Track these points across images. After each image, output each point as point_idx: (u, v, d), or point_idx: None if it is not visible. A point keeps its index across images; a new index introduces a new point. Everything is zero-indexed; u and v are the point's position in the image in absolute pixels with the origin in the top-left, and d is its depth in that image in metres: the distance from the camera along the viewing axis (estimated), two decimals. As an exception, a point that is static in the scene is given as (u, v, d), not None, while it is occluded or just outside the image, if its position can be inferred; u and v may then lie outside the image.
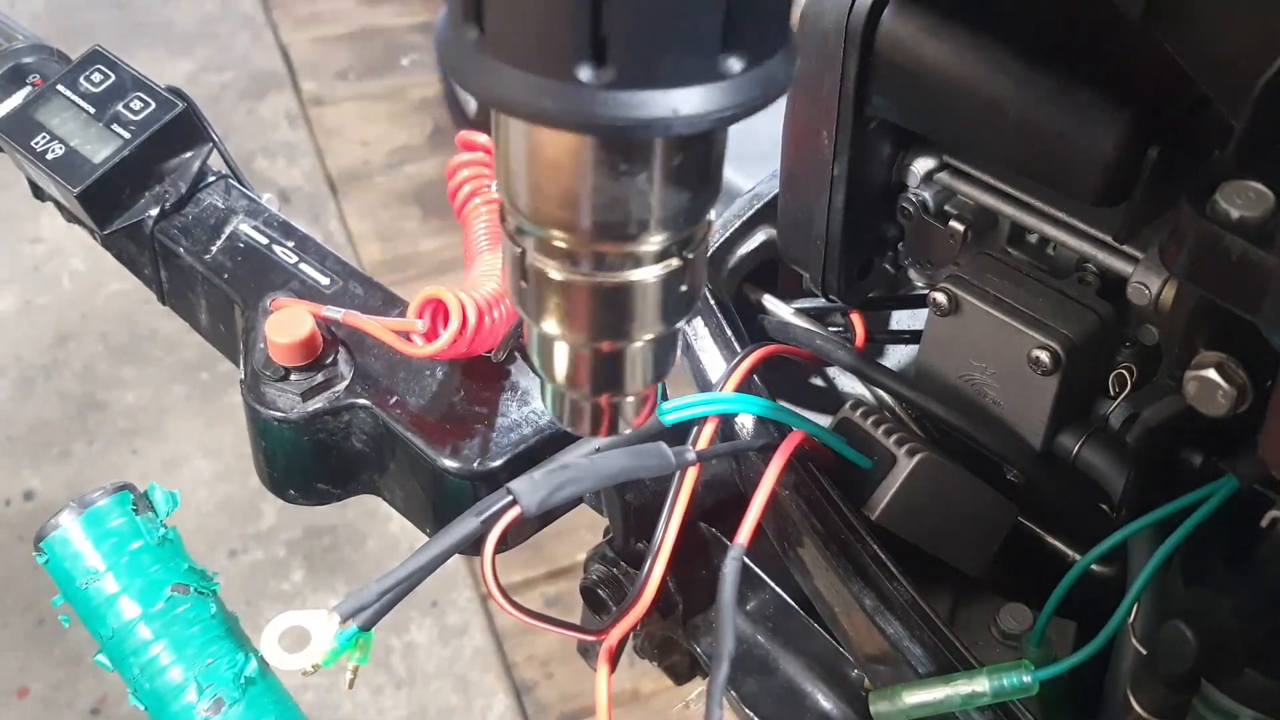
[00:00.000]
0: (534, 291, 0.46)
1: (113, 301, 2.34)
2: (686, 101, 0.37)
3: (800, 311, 0.81)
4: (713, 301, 0.78)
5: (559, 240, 0.44)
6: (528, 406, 0.77)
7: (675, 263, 0.45)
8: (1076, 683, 0.66)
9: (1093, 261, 0.66)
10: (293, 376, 0.77)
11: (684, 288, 0.46)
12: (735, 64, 0.37)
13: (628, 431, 0.55)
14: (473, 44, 0.37)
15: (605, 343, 0.48)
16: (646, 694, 1.75)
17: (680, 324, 0.49)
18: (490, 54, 0.37)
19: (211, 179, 0.96)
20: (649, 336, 0.48)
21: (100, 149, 0.92)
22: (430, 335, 0.77)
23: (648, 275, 0.45)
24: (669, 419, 0.66)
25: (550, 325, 0.48)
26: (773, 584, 0.78)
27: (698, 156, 0.42)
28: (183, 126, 0.94)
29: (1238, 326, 0.52)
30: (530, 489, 0.62)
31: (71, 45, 1.05)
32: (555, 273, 0.45)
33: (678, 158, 0.41)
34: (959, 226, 0.70)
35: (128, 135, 0.93)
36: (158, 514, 0.69)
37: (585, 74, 0.36)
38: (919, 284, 0.79)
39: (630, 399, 0.53)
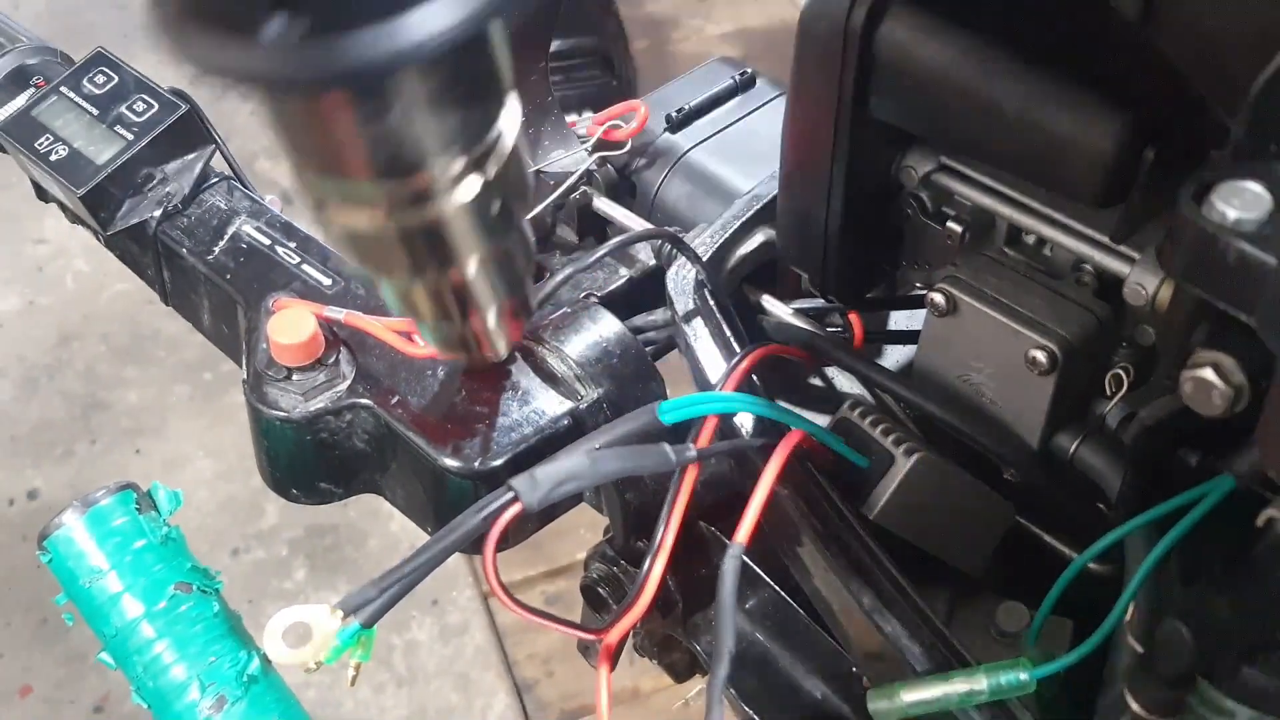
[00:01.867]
0: (362, 249, 0.47)
1: (116, 302, 2.34)
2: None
3: (799, 312, 0.81)
4: (712, 302, 0.78)
5: (357, 195, 0.43)
6: (529, 406, 0.78)
7: (477, 179, 0.44)
8: (1074, 681, 0.66)
9: (1090, 262, 0.67)
10: (295, 376, 0.78)
11: (497, 203, 0.46)
12: None
13: (503, 351, 0.58)
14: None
15: (446, 274, 0.49)
16: (646, 692, 1.75)
17: (510, 234, 0.50)
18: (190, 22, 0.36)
19: (214, 180, 0.96)
20: (483, 256, 0.49)
21: (103, 150, 0.93)
22: (431, 335, 0.77)
23: (453, 201, 0.44)
24: (669, 418, 0.67)
25: (391, 276, 0.49)
26: (772, 583, 0.79)
27: (453, 77, 0.40)
28: (186, 128, 0.95)
29: (1234, 327, 0.52)
30: (531, 486, 0.62)
31: (74, 47, 1.05)
32: (368, 226, 0.44)
33: (427, 85, 0.39)
34: (956, 227, 0.71)
35: (131, 137, 0.93)
36: (160, 513, 0.69)
37: (275, 28, 0.35)
38: (917, 284, 0.79)
39: (493, 318, 0.55)
